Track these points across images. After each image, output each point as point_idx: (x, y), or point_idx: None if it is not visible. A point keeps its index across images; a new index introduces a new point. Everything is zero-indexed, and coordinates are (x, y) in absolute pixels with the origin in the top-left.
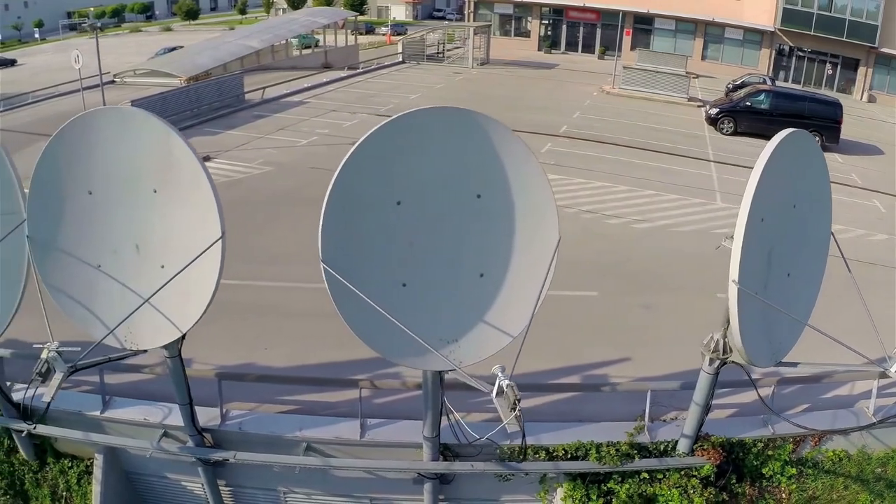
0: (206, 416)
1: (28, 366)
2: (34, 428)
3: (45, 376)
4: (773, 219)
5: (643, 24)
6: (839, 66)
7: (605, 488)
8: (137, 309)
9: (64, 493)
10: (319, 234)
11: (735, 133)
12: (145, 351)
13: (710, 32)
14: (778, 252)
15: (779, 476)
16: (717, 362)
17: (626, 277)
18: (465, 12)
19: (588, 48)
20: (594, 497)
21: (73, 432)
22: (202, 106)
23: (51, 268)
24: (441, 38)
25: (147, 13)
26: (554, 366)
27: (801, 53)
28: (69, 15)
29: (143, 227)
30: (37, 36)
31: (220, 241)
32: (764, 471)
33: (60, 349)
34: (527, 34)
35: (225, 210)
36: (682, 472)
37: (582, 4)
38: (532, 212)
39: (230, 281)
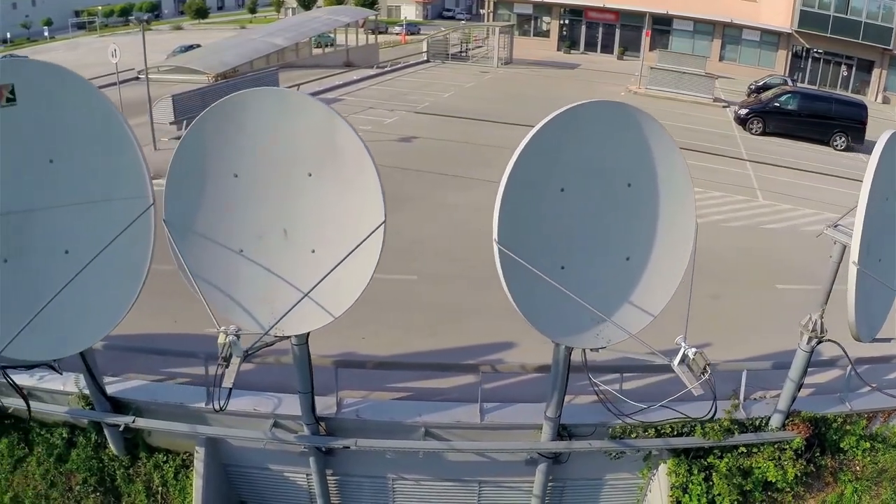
0: (320, 404)
1: (115, 357)
2: (133, 422)
3: (227, 361)
4: (873, 209)
5: (661, 25)
6: (854, 68)
7: (706, 463)
8: (301, 299)
9: (160, 489)
10: (496, 215)
11: (763, 133)
12: (288, 337)
13: (728, 34)
14: (872, 239)
15: (854, 449)
16: (815, 341)
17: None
18: (485, 12)
19: (606, 48)
20: (696, 472)
21: (178, 425)
22: None
23: (188, 252)
24: (464, 38)
25: (154, 12)
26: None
27: (816, 55)
28: (77, 14)
29: (294, 212)
30: (46, 34)
31: (381, 226)
32: (842, 445)
33: (239, 333)
34: (545, 34)
35: None
36: (776, 446)
37: (602, 5)
38: (674, 201)
39: None
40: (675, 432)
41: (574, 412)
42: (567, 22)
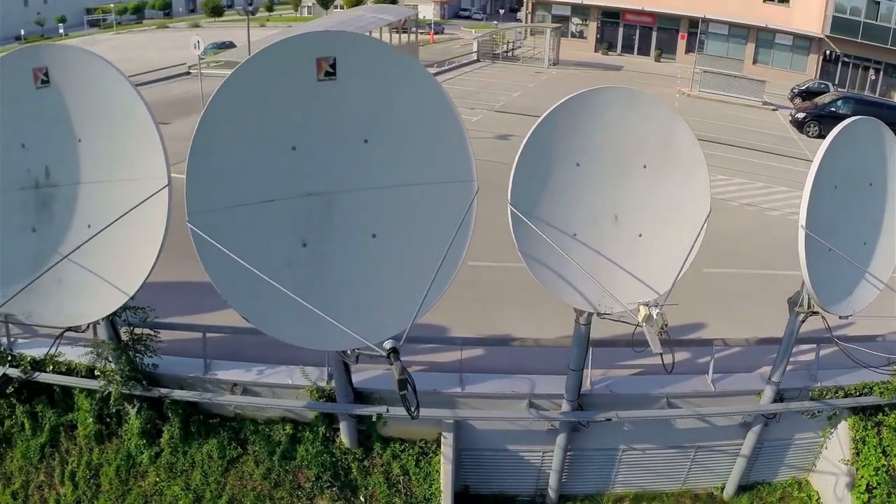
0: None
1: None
2: (387, 411)
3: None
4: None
5: (696, 28)
6: (881, 72)
7: (878, 419)
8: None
9: (400, 478)
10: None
11: (819, 136)
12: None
13: (761, 38)
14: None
15: None
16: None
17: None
18: (524, 12)
19: (642, 51)
20: (870, 427)
21: (441, 411)
22: None
23: (526, 237)
24: (518, 37)
25: (165, 10)
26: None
27: (845, 59)
28: (88, 11)
29: (626, 199)
30: (61, 31)
31: (707, 216)
32: None
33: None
34: (582, 36)
35: None
36: None
37: (640, 8)
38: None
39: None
40: (857, 393)
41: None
42: (604, 23)
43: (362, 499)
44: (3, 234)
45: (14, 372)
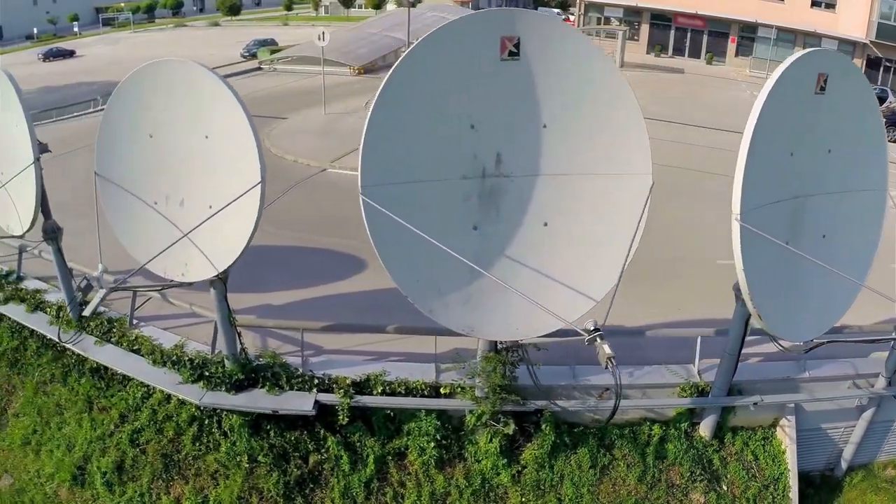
0: None
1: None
2: (761, 400)
3: None
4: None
5: (746, 33)
6: None
7: None
8: None
9: (752, 462)
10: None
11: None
12: None
13: (808, 42)
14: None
15: None
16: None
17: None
18: (576, 14)
19: (693, 53)
20: None
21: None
22: None
23: None
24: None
25: (175, 10)
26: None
27: (888, 63)
28: (97, 10)
29: None
30: (76, 30)
31: None
32: None
33: None
34: (635, 38)
35: None
36: None
37: (695, 11)
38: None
39: None
40: None
41: None
42: (655, 26)
43: (724, 486)
44: (440, 230)
45: (327, 397)
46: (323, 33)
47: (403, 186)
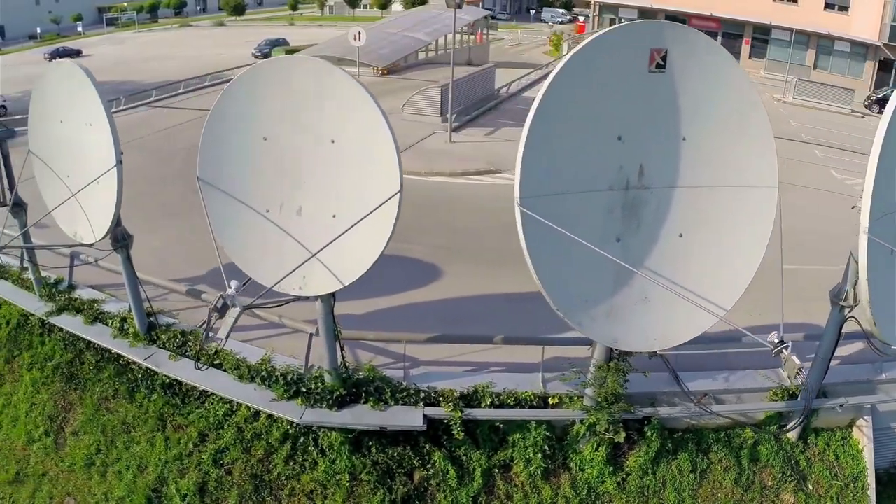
0: None
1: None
2: (846, 402)
3: None
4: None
5: (760, 35)
6: None
7: None
8: None
9: (833, 461)
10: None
11: None
12: None
13: (821, 44)
14: None
15: None
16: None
17: None
18: (591, 15)
19: None
20: None
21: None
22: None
23: None
24: None
25: (177, 10)
26: None
27: None
28: (99, 10)
29: None
30: (79, 30)
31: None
32: None
33: None
34: None
35: None
36: None
37: (709, 14)
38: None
39: None
40: None
41: None
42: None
43: (810, 486)
44: (587, 242)
45: (435, 411)
46: (359, 33)
47: (552, 198)
